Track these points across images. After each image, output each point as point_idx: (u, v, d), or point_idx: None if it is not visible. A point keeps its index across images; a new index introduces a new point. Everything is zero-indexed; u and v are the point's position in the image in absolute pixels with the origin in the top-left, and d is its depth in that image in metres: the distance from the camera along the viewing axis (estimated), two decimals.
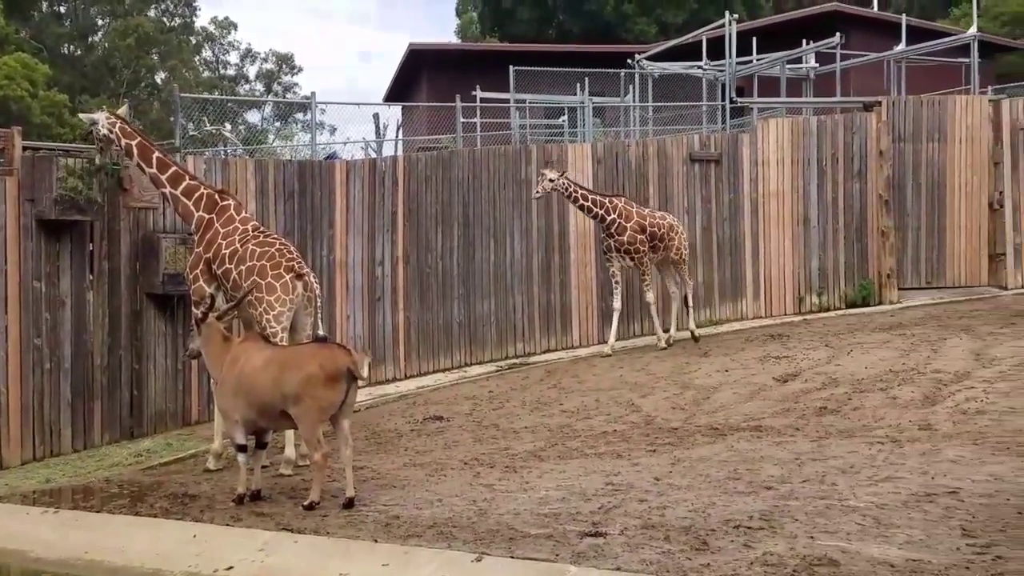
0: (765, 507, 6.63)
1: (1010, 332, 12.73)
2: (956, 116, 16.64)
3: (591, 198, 14.25)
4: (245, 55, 57.94)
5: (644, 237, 14.30)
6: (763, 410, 10.40)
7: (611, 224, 14.19)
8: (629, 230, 14.18)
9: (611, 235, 14.26)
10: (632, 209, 14.36)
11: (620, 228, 14.17)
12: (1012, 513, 6.10)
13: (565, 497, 7.37)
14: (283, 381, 7.63)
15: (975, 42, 19.82)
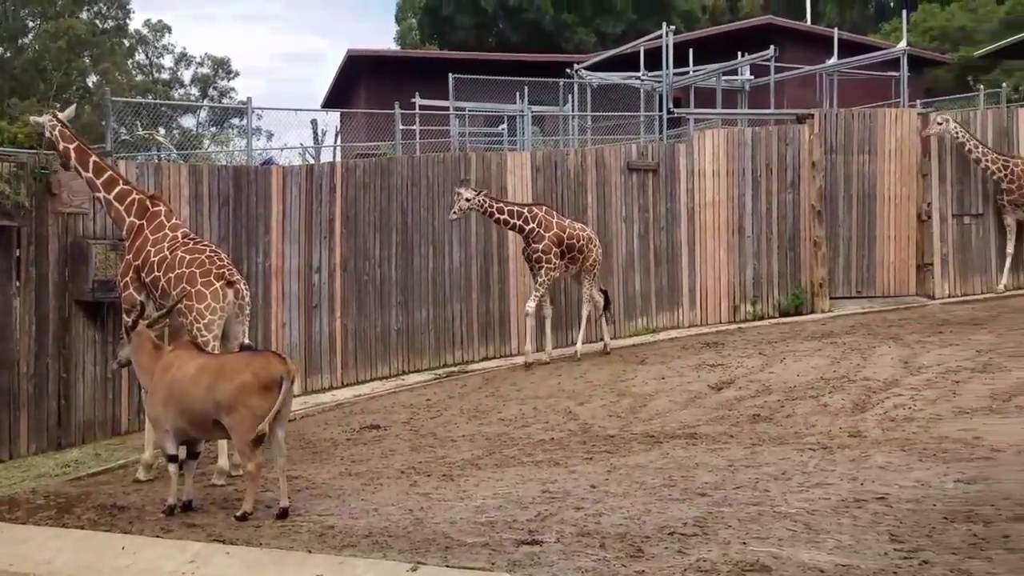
0: (699, 514, 6.69)
1: (937, 340, 13.00)
2: (886, 129, 16.98)
3: (507, 210, 14.02)
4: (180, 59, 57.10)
5: (559, 249, 14.10)
6: (698, 417, 10.50)
7: (530, 233, 14.01)
8: (546, 239, 13.99)
9: (528, 243, 14.10)
10: (552, 219, 14.20)
11: (537, 236, 13.98)
12: (938, 518, 6.23)
13: (502, 505, 7.37)
14: (216, 390, 7.54)
15: (904, 56, 20.25)
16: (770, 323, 16.10)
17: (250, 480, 7.55)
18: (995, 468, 7.45)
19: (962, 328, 13.72)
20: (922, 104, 22.12)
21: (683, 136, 17.96)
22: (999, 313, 14.62)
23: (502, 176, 15.51)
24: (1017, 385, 10.29)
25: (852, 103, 21.67)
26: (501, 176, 15.51)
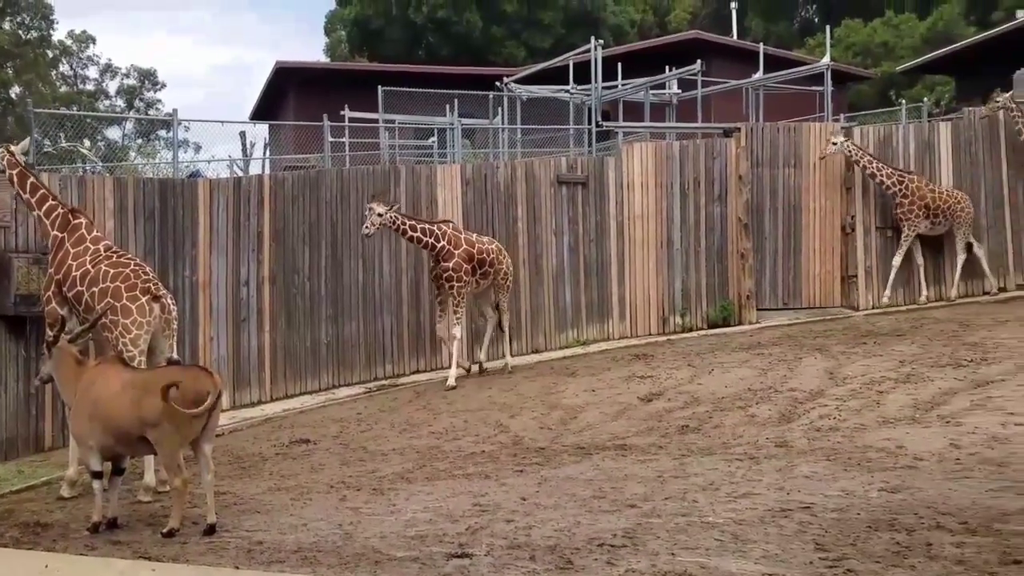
0: (628, 525, 6.73)
1: (861, 351, 13.25)
2: (810, 142, 17.28)
3: (420, 227, 13.60)
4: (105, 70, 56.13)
5: (470, 266, 13.81)
6: (628, 429, 10.57)
7: (440, 251, 13.62)
8: (456, 257, 13.66)
9: (438, 262, 13.71)
10: (460, 236, 13.91)
11: (448, 254, 13.63)
12: (862, 527, 6.34)
13: (432, 519, 7.34)
14: (143, 406, 7.40)
15: (828, 71, 20.67)
16: (699, 335, 16.27)
17: (176, 496, 7.42)
18: (917, 477, 7.61)
19: (885, 339, 14.00)
20: (846, 118, 22.58)
21: (612, 149, 18.11)
22: (921, 324, 14.94)
23: (432, 189, 15.48)
24: (938, 395, 10.53)
25: (778, 117, 22.05)
26: (431, 189, 15.48)
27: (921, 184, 16.49)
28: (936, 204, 16.44)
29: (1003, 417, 9.33)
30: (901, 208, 16.35)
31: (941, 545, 5.89)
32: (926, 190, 16.44)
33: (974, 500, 6.81)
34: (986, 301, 16.56)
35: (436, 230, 13.71)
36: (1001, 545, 5.81)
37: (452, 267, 13.65)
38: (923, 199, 16.35)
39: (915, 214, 16.31)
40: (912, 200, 16.29)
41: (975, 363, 11.83)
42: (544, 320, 16.17)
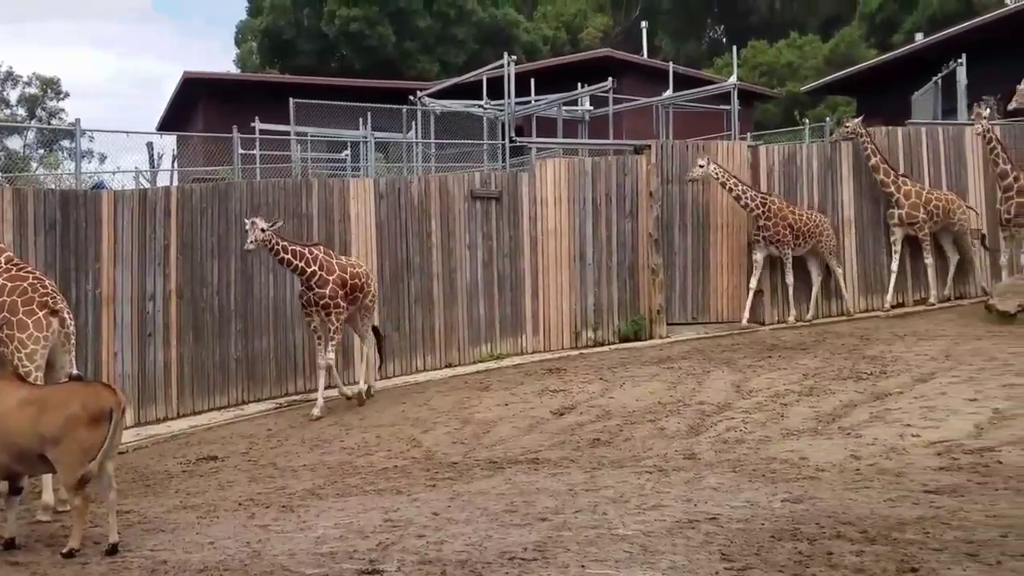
0: (539, 538, 6.77)
1: (766, 365, 13.54)
2: (719, 160, 17.59)
3: (291, 249, 12.95)
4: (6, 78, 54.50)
5: (344, 291, 13.26)
6: (540, 443, 10.63)
7: (311, 276, 13.00)
8: (331, 283, 13.10)
9: (311, 288, 13.04)
10: (332, 260, 13.34)
11: (321, 280, 13.02)
12: (766, 537, 6.48)
13: (343, 535, 7.28)
14: (42, 423, 7.20)
15: (735, 90, 21.13)
16: (610, 349, 16.44)
17: (77, 515, 7.23)
18: (819, 487, 7.81)
19: (790, 353, 14.32)
20: (752, 137, 23.09)
21: (525, 165, 18.23)
22: (824, 338, 15.32)
23: (345, 203, 15.40)
24: (839, 407, 10.82)
25: (687, 135, 22.48)
26: (344, 203, 15.39)
27: (783, 206, 16.78)
28: (798, 226, 16.75)
29: (900, 429, 9.62)
30: (766, 231, 16.64)
31: (841, 554, 6.04)
32: (788, 211, 16.75)
33: (873, 510, 7.01)
34: (884, 316, 17.03)
35: (308, 254, 13.08)
36: (899, 553, 5.99)
37: (328, 294, 13.09)
38: (786, 220, 16.65)
39: (781, 235, 16.60)
40: (776, 222, 16.59)
41: (874, 376, 12.18)
42: (458, 335, 16.18)
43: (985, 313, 15.77)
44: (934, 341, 14.21)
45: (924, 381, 11.68)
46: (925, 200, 17.30)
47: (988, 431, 9.32)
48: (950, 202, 17.52)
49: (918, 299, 17.73)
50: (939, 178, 18.33)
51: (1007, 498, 7.10)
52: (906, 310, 17.41)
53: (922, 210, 17.22)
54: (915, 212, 17.20)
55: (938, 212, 17.33)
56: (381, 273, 15.58)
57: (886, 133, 18.45)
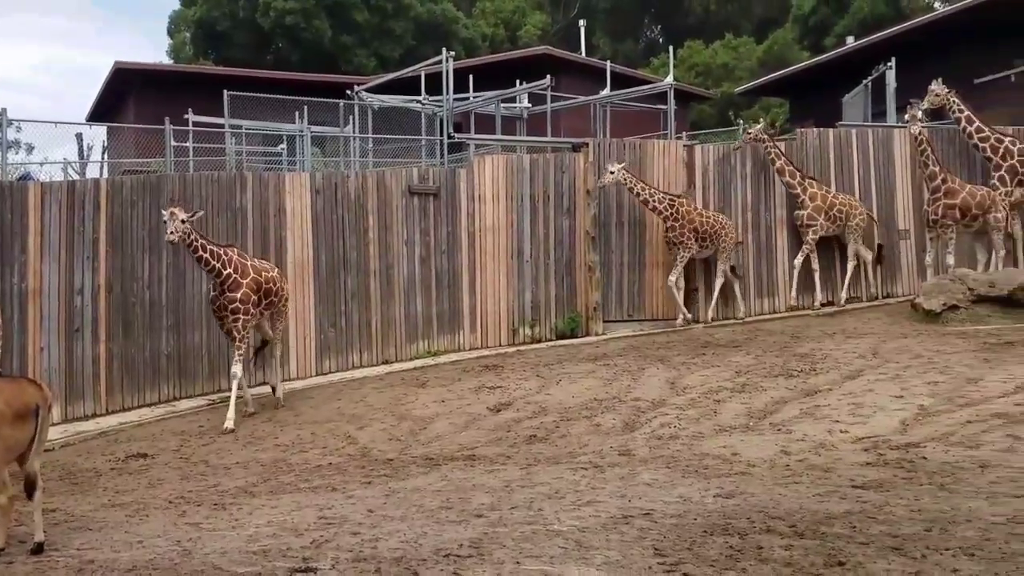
0: (475, 535, 6.78)
1: (700, 362, 13.69)
2: (654, 159, 17.77)
3: (210, 249, 12.34)
4: None
5: (257, 296, 12.71)
6: (477, 439, 10.64)
7: (226, 280, 12.42)
8: (244, 287, 12.52)
9: (224, 291, 12.45)
10: (247, 263, 12.83)
11: (234, 284, 12.44)
12: (699, 532, 6.56)
13: (276, 533, 7.21)
14: None
15: (671, 90, 21.31)
16: (547, 346, 16.50)
17: (1, 514, 7.07)
18: (750, 482, 7.92)
19: (723, 350, 14.50)
20: (688, 136, 23.32)
21: (464, 161, 18.22)
22: (756, 335, 15.54)
23: (280, 197, 15.26)
24: (771, 404, 10.98)
25: (624, 133, 22.65)
26: (279, 197, 15.26)
27: (690, 208, 16.94)
28: (704, 228, 16.92)
29: (829, 425, 9.80)
30: (673, 232, 16.74)
31: (771, 548, 6.14)
32: (695, 214, 16.91)
33: (802, 504, 7.13)
34: (815, 314, 17.31)
35: (224, 255, 12.49)
36: (826, 547, 6.10)
37: (239, 299, 12.48)
38: (692, 223, 16.79)
39: (686, 237, 16.77)
40: (682, 224, 16.74)
41: (804, 373, 12.38)
42: (395, 331, 16.13)
43: (911, 311, 16.12)
44: (862, 339, 14.49)
45: (852, 378, 11.91)
46: (829, 204, 17.62)
47: (913, 427, 9.54)
48: (852, 207, 17.87)
49: (826, 302, 17.89)
50: (868, 179, 18.71)
51: (930, 493, 7.27)
52: (837, 308, 17.71)
53: (824, 214, 17.51)
54: (816, 215, 17.48)
55: (841, 215, 17.66)
56: (317, 269, 15.48)
57: (818, 135, 18.77)
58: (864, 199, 18.54)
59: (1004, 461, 8.06)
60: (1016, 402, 10.04)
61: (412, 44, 45.96)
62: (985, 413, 9.74)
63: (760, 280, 17.93)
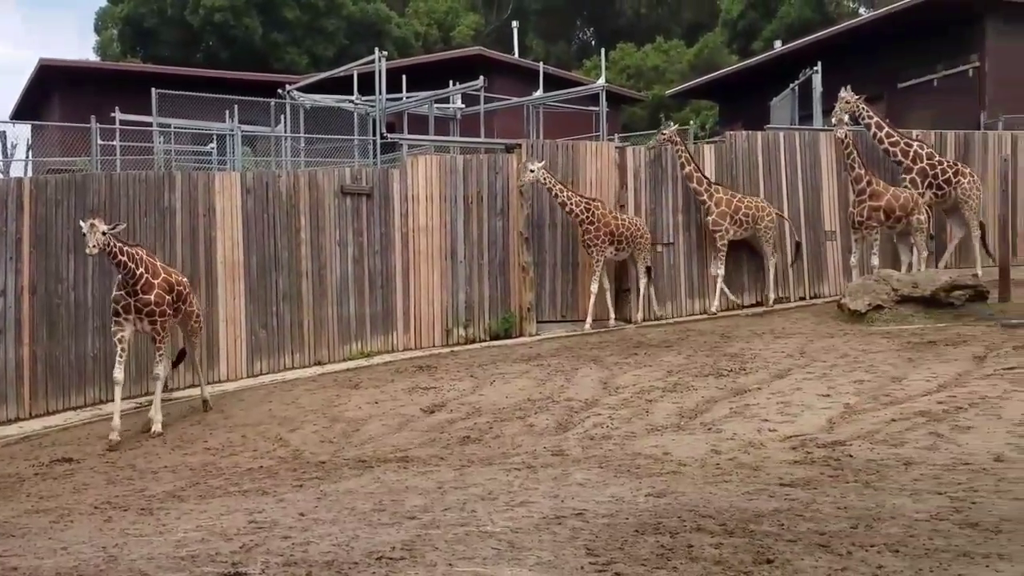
0: (408, 537, 6.75)
1: (632, 362, 13.80)
2: (587, 160, 17.87)
3: (127, 251, 11.80)
4: None
5: (171, 298, 12.26)
6: (410, 441, 10.61)
7: (138, 280, 11.84)
8: (157, 288, 12.01)
9: (134, 293, 11.84)
10: (157, 263, 12.38)
11: (146, 285, 11.91)
12: (630, 531, 6.61)
13: (205, 538, 7.12)
14: None
15: (603, 92, 21.46)
16: (481, 346, 16.51)
17: None
18: (681, 481, 8.01)
19: (655, 350, 14.63)
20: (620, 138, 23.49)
21: (397, 161, 18.15)
22: (687, 335, 15.70)
23: (210, 197, 15.07)
24: (701, 403, 11.11)
25: (557, 135, 22.76)
26: (209, 197, 15.06)
27: (606, 212, 16.92)
28: (620, 231, 16.94)
29: (758, 424, 9.95)
30: (588, 234, 16.71)
31: (701, 547, 6.21)
32: (610, 217, 16.89)
33: (732, 503, 7.23)
34: (745, 314, 17.56)
35: (136, 254, 11.96)
36: (755, 545, 6.19)
37: (154, 300, 11.96)
38: (608, 226, 16.77)
39: (601, 240, 16.75)
40: (598, 227, 16.71)
41: (734, 373, 12.55)
42: (327, 332, 16.01)
43: (837, 312, 16.42)
44: (790, 339, 14.73)
45: (781, 377, 12.10)
46: (734, 208, 17.66)
47: (839, 426, 9.72)
48: (760, 209, 17.96)
49: (743, 303, 18.15)
50: (796, 181, 19.02)
51: (856, 490, 7.41)
52: (764, 308, 17.98)
53: (729, 218, 17.58)
54: (721, 220, 17.55)
55: (747, 219, 17.73)
56: (248, 269, 15.32)
57: (746, 137, 19.02)
58: (791, 200, 18.86)
59: (927, 459, 8.26)
60: (938, 400, 10.28)
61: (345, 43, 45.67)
62: (909, 411, 9.95)
63: (691, 281, 18.11)
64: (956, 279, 15.95)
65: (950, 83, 26.16)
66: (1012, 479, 7.45)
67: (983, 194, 19.50)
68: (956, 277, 16.08)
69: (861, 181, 17.67)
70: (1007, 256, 16.77)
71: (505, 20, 53.10)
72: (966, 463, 8.03)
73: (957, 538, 6.15)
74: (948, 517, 6.58)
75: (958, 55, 25.93)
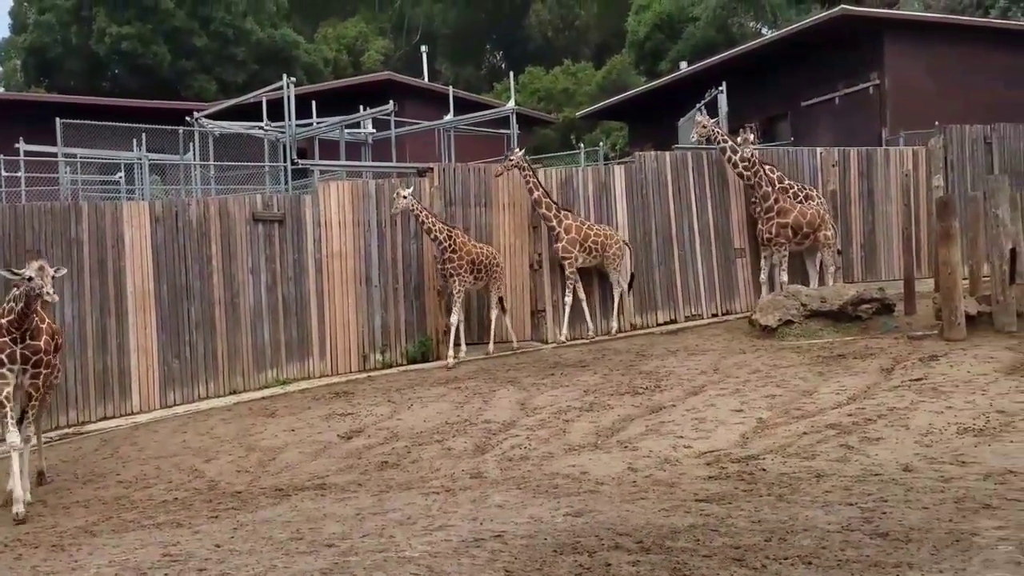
0: (326, 565, 6.73)
1: (549, 382, 13.92)
2: (499, 183, 17.99)
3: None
4: None
5: (10, 339, 10.11)
6: (328, 468, 10.55)
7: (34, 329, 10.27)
8: (45, 333, 10.45)
9: (28, 340, 10.19)
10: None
11: (37, 331, 10.32)
12: (549, 552, 6.68)
13: (118, 573, 7.00)
14: None
15: (513, 115, 21.64)
16: (399, 371, 16.46)
17: None
18: (598, 500, 8.11)
19: (571, 370, 14.77)
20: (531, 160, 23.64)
21: (309, 187, 18.05)
22: (603, 355, 15.88)
23: (118, 227, 14.81)
24: (617, 421, 11.26)
25: (469, 158, 22.86)
26: (117, 227, 14.80)
27: (465, 240, 16.63)
28: (479, 260, 16.62)
29: (674, 440, 10.12)
30: (450, 263, 16.28)
31: (619, 564, 6.31)
32: (471, 246, 16.60)
33: (648, 520, 7.34)
34: (659, 332, 17.82)
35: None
36: (672, 561, 6.31)
37: (43, 348, 10.33)
38: (469, 254, 16.46)
39: (464, 269, 16.34)
40: (460, 255, 16.33)
41: (649, 391, 12.74)
42: (242, 360, 15.80)
43: (749, 327, 16.78)
44: (704, 355, 15.01)
45: (695, 394, 12.32)
46: (584, 235, 17.42)
47: (753, 440, 9.94)
48: (608, 237, 17.73)
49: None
50: (704, 200, 19.36)
51: (770, 504, 7.59)
52: (679, 326, 18.28)
53: (578, 246, 17.34)
54: (571, 247, 17.29)
55: (596, 247, 17.50)
56: (159, 299, 15.07)
57: (655, 157, 19.34)
58: (700, 218, 19.21)
59: (838, 471, 8.49)
60: (848, 413, 10.58)
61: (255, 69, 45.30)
62: (820, 424, 10.22)
63: (605, 302, 18.29)
64: (863, 293, 16.43)
65: (852, 101, 26.97)
66: (920, 488, 7.71)
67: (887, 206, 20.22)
68: (863, 291, 16.57)
69: (769, 199, 18.09)
70: (911, 268, 17.33)
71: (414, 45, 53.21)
72: (876, 474, 8.28)
73: (868, 548, 6.34)
74: (859, 528, 6.78)
75: (859, 73, 26.73)
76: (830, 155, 20.49)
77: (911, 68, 25.85)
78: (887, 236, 20.90)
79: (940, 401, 10.66)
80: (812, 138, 26.33)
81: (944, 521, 6.81)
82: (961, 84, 25.84)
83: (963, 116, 23.01)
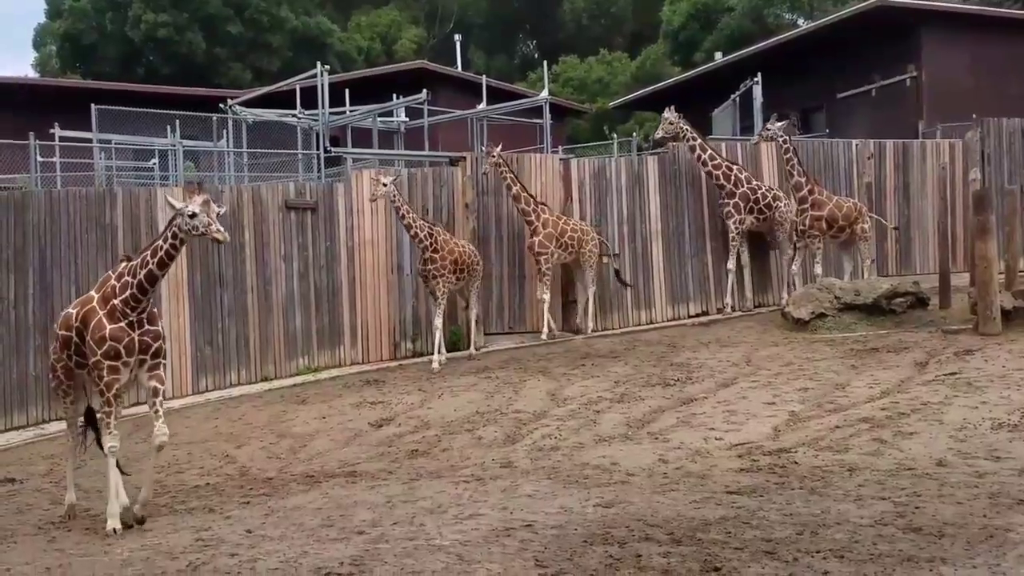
0: (356, 552, 6.74)
1: (580, 373, 13.87)
2: (531, 172, 17.92)
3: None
4: None
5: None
6: (358, 455, 10.58)
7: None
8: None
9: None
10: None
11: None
12: (579, 542, 6.66)
13: (150, 557, 7.05)
14: None
15: (547, 105, 21.57)
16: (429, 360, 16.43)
17: None
18: (629, 491, 8.08)
19: (602, 361, 14.71)
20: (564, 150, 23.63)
21: (341, 175, 18.07)
22: (634, 346, 15.81)
23: (152, 213, 14.90)
24: (648, 413, 11.20)
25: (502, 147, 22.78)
26: (151, 212, 14.90)
27: (448, 238, 16.04)
28: (461, 260, 15.95)
29: (705, 432, 10.06)
30: (432, 263, 15.60)
31: (650, 556, 6.27)
32: (452, 244, 15.98)
33: (679, 512, 7.30)
34: (691, 324, 17.72)
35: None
36: (703, 553, 6.27)
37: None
38: (452, 253, 15.79)
39: (447, 269, 15.66)
40: (443, 255, 15.63)
41: (680, 382, 12.67)
42: (274, 347, 15.88)
43: (781, 320, 16.63)
44: (736, 348, 14.90)
45: (726, 386, 12.24)
46: (560, 231, 16.88)
47: (785, 433, 9.85)
48: (584, 232, 17.25)
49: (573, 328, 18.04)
50: None
51: (801, 497, 7.53)
52: (711, 318, 18.17)
53: (555, 241, 16.79)
54: (548, 243, 16.72)
55: (573, 242, 16.97)
56: (192, 286, 15.17)
57: None
58: None
59: (870, 464, 8.41)
60: (881, 407, 10.47)
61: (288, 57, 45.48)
62: (852, 418, 10.12)
63: (637, 291, 18.23)
64: (897, 287, 16.24)
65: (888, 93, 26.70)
66: (954, 483, 7.62)
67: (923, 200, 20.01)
68: (897, 285, 16.37)
69: (802, 189, 17.91)
70: (947, 262, 17.14)
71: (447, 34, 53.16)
72: (909, 468, 8.19)
73: (901, 543, 6.28)
74: (892, 522, 6.71)
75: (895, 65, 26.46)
76: (865, 147, 20.27)
77: (948, 61, 25.55)
78: (922, 229, 20.68)
79: (974, 396, 10.52)
80: (848, 130, 26.04)
81: (978, 516, 6.73)
82: (998, 77, 25.52)
83: (1000, 109, 22.70)
